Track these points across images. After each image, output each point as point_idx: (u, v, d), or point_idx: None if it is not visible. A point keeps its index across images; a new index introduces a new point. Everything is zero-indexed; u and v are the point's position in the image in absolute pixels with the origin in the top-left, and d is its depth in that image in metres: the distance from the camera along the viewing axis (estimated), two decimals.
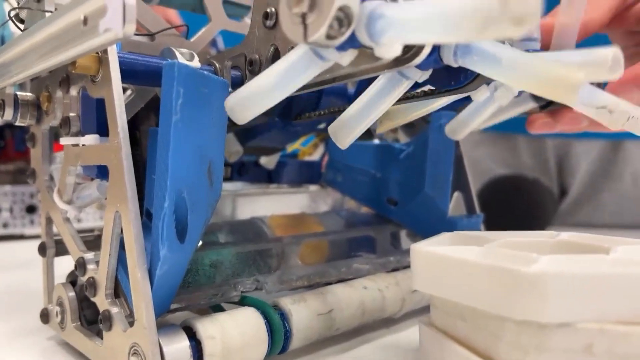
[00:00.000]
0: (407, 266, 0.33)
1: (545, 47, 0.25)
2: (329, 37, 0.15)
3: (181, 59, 0.23)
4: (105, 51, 0.21)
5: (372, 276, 0.31)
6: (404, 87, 0.21)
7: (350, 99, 0.32)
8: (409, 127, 0.44)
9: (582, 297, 0.16)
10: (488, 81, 0.22)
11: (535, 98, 0.29)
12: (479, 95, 0.23)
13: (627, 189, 0.69)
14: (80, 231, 0.26)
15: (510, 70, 0.17)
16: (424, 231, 0.38)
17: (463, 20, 0.14)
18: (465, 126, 0.30)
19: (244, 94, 0.20)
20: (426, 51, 0.18)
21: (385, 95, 0.22)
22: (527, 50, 0.24)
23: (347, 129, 0.23)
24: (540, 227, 0.63)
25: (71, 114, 0.24)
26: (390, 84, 0.21)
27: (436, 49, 0.19)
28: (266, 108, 0.20)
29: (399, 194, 0.39)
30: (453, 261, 0.19)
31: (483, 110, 0.27)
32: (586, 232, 0.24)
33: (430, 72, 0.21)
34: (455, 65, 0.19)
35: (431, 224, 0.36)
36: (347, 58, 0.17)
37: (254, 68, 0.23)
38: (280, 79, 0.19)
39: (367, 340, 0.29)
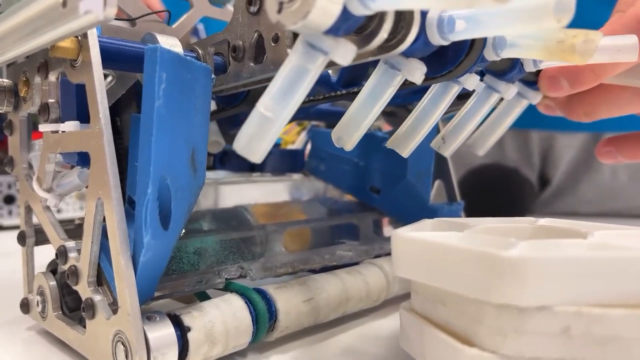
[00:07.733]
0: (389, 253, 0.33)
1: None
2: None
3: (163, 44, 0.22)
4: (85, 35, 0.21)
5: (356, 266, 0.31)
6: (397, 81, 0.21)
7: (334, 87, 0.32)
8: (390, 116, 0.44)
9: (559, 280, 0.17)
10: (476, 66, 0.22)
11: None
12: (471, 83, 0.23)
13: (605, 179, 0.70)
14: (60, 221, 0.26)
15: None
16: (406, 218, 0.38)
17: None
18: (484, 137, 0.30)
19: (252, 129, 0.17)
20: (411, 37, 0.18)
21: (380, 92, 0.21)
22: None
23: (350, 130, 0.22)
24: (519, 215, 0.65)
25: (50, 100, 0.24)
26: (383, 78, 0.21)
27: (422, 34, 0.19)
28: (279, 132, 0.18)
29: (382, 182, 0.39)
30: (433, 246, 0.19)
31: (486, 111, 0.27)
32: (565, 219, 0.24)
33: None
34: (444, 42, 0.19)
35: (413, 212, 0.36)
36: (343, 49, 0.16)
37: (238, 54, 0.23)
38: (283, 95, 0.17)
39: (349, 327, 0.30)
